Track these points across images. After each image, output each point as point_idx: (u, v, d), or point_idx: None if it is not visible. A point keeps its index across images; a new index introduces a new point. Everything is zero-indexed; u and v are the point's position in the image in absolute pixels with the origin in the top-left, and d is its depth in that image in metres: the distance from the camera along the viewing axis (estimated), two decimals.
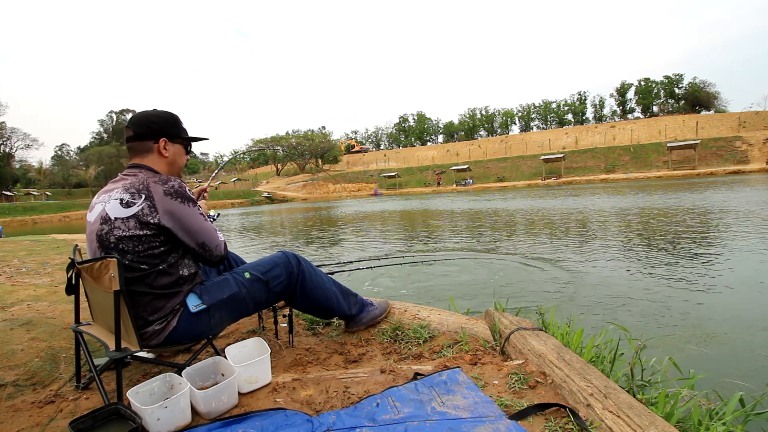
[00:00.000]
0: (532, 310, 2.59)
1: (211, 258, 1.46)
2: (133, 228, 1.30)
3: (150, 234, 1.32)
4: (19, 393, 1.48)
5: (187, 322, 1.39)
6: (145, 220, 1.30)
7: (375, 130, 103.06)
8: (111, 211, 1.32)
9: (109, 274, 1.22)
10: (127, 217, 1.30)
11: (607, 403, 1.15)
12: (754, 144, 32.85)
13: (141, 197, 1.31)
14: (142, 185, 1.33)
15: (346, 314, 1.86)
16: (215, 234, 1.46)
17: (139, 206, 1.30)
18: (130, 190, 1.32)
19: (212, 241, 1.44)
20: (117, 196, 1.33)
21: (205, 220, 1.43)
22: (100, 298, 1.36)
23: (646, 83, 75.38)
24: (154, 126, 1.46)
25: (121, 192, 1.33)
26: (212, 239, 1.44)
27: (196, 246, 1.41)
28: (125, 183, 1.36)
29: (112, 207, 1.32)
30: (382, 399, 1.31)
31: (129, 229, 1.30)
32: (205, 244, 1.42)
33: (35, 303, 2.55)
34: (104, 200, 1.36)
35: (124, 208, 1.30)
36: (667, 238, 6.10)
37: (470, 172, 42.49)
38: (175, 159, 1.52)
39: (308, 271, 1.69)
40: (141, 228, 1.30)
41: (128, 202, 1.31)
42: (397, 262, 4.80)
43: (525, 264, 5.03)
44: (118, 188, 1.35)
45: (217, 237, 1.46)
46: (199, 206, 1.43)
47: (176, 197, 1.35)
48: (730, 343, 2.53)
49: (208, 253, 1.44)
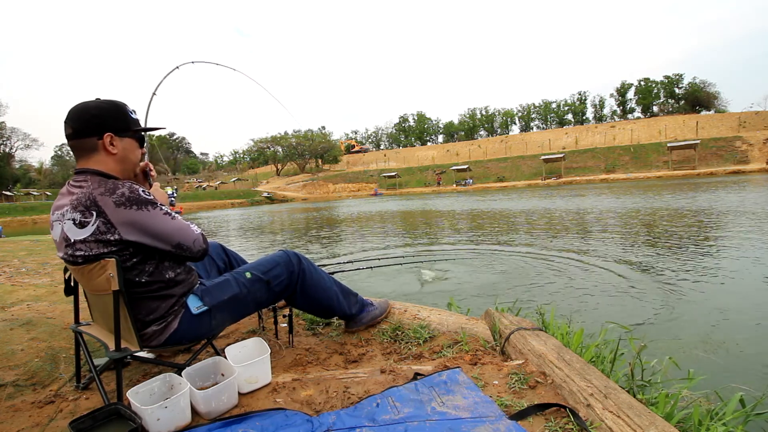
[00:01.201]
0: (532, 310, 2.59)
1: (192, 255, 1.34)
2: (95, 248, 1.20)
3: (115, 250, 1.21)
4: (19, 393, 1.48)
5: (188, 324, 1.38)
6: (104, 239, 1.19)
7: (375, 130, 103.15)
8: (69, 233, 1.22)
9: (107, 274, 1.21)
10: (85, 239, 1.20)
11: (607, 403, 1.15)
12: (754, 144, 32.84)
13: (92, 214, 1.18)
14: (88, 200, 1.19)
15: (347, 314, 1.86)
16: (188, 230, 1.32)
17: (94, 225, 1.18)
18: (78, 208, 1.20)
19: (187, 239, 1.30)
20: (69, 215, 1.21)
21: (172, 219, 1.28)
22: (98, 299, 1.35)
23: (646, 83, 75.37)
24: (95, 120, 1.26)
25: (71, 211, 1.21)
26: (186, 237, 1.30)
27: (171, 248, 1.29)
28: (72, 199, 1.22)
29: (69, 228, 1.21)
30: (382, 399, 1.31)
31: (92, 249, 1.20)
32: (180, 244, 1.29)
33: (35, 303, 2.55)
34: (59, 218, 1.25)
35: (79, 229, 1.20)
36: (671, 238, 6.10)
37: (470, 172, 42.48)
38: (126, 155, 1.33)
39: (309, 270, 1.68)
40: (104, 246, 1.20)
41: (81, 221, 1.19)
42: (397, 262, 4.80)
43: (525, 264, 5.03)
44: (67, 205, 1.23)
45: (192, 232, 1.32)
46: (161, 204, 1.29)
47: (131, 205, 1.20)
48: (731, 343, 2.53)
49: (187, 251, 1.32)
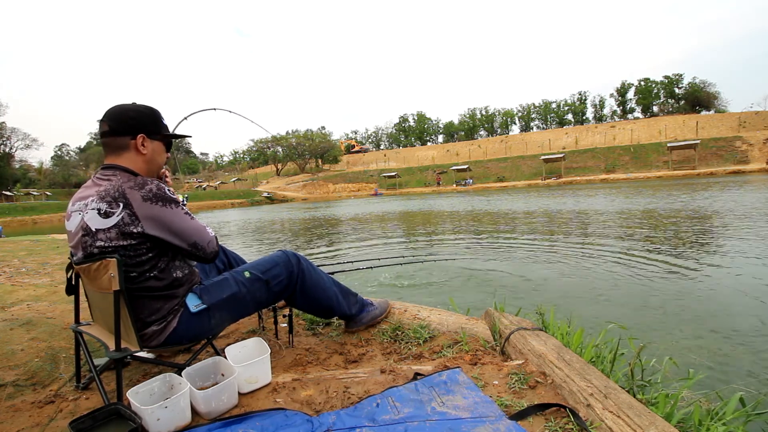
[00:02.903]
0: (532, 310, 2.59)
1: (205, 256, 1.41)
2: (115, 239, 1.24)
3: (135, 243, 1.26)
4: (19, 393, 1.48)
5: (187, 323, 1.38)
6: (127, 230, 1.24)
7: (375, 130, 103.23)
8: (90, 222, 1.25)
9: (108, 274, 1.22)
10: (108, 228, 1.24)
11: (607, 403, 1.15)
12: (754, 144, 32.83)
13: (119, 206, 1.24)
14: (117, 192, 1.25)
15: (346, 314, 1.86)
16: (205, 231, 1.40)
17: (119, 216, 1.23)
18: (106, 199, 1.25)
19: (203, 239, 1.38)
20: (94, 205, 1.25)
21: (191, 219, 1.36)
22: (99, 299, 1.35)
23: (646, 83, 75.40)
24: (132, 121, 1.35)
25: (97, 201, 1.25)
26: (203, 237, 1.38)
27: (188, 246, 1.36)
28: (99, 190, 1.28)
29: (91, 218, 1.25)
30: (382, 399, 1.31)
31: (111, 240, 1.24)
32: (197, 243, 1.37)
33: (35, 303, 2.55)
34: (81, 209, 1.29)
35: (103, 219, 1.24)
36: (669, 239, 6.10)
37: (470, 172, 42.47)
38: (153, 157, 1.42)
39: (308, 271, 1.68)
40: (124, 238, 1.24)
41: (106, 212, 1.24)
42: (397, 262, 4.80)
43: (526, 264, 5.03)
44: (93, 196, 1.27)
45: (208, 233, 1.41)
46: (183, 204, 1.36)
47: (156, 201, 1.28)
48: (732, 343, 2.53)
49: (201, 251, 1.39)
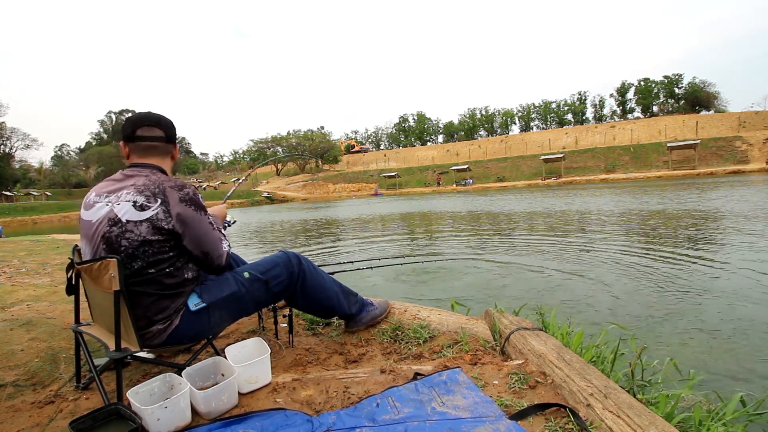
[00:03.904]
0: (532, 310, 2.59)
1: (211, 266, 1.45)
2: (145, 232, 1.28)
3: (161, 239, 1.30)
4: (19, 393, 1.48)
5: (188, 321, 1.39)
6: (158, 225, 1.29)
7: (375, 130, 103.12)
8: (122, 213, 1.28)
9: (109, 274, 1.22)
10: (140, 221, 1.27)
11: (607, 403, 1.15)
12: (754, 144, 32.83)
13: (156, 201, 1.29)
14: (158, 188, 1.31)
15: (347, 313, 1.87)
16: (220, 244, 1.45)
17: (154, 210, 1.28)
18: (144, 193, 1.29)
19: (215, 251, 1.43)
20: (129, 197, 1.29)
21: (213, 230, 1.42)
22: (100, 299, 1.35)
23: (646, 83, 75.39)
24: (175, 131, 1.51)
25: (134, 194, 1.29)
26: (216, 248, 1.43)
27: (199, 254, 1.41)
28: (137, 183, 1.31)
29: (124, 209, 1.28)
30: (382, 399, 1.31)
31: (141, 234, 1.27)
32: (208, 253, 1.42)
33: (35, 303, 2.55)
34: (111, 200, 1.31)
35: (137, 211, 1.27)
36: (670, 239, 6.10)
37: (470, 172, 42.47)
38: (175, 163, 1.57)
39: (309, 271, 1.69)
40: (153, 233, 1.28)
41: (143, 205, 1.28)
42: (397, 262, 4.80)
43: (526, 264, 5.03)
44: (127, 189, 1.31)
45: (221, 247, 1.45)
46: (209, 215, 1.44)
47: (190, 204, 1.34)
48: (732, 344, 2.53)
49: (209, 261, 1.44)
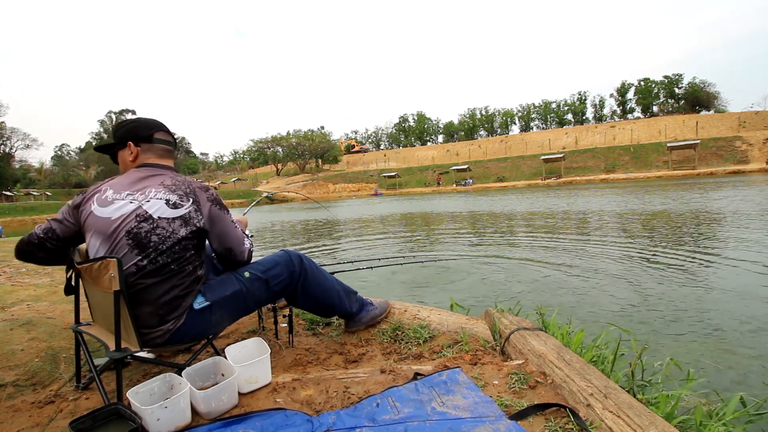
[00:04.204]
0: (532, 310, 2.59)
1: (234, 261, 1.54)
2: (177, 229, 1.33)
3: (190, 236, 1.36)
4: (19, 393, 1.48)
5: (191, 320, 1.40)
6: (191, 222, 1.35)
7: (375, 130, 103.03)
8: (154, 210, 1.32)
9: (108, 274, 1.22)
10: (174, 218, 1.33)
11: (607, 403, 1.15)
12: (754, 144, 32.82)
13: (189, 200, 1.36)
14: (189, 189, 1.39)
15: (348, 312, 1.87)
16: (243, 241, 1.54)
17: (187, 209, 1.35)
18: (177, 192, 1.36)
19: (238, 247, 1.52)
20: (161, 195, 1.34)
21: (235, 228, 1.51)
22: (100, 298, 1.36)
23: (646, 83, 75.36)
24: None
25: (165, 192, 1.35)
26: (238, 245, 1.52)
27: (223, 250, 1.49)
28: (166, 183, 1.38)
29: (155, 206, 1.33)
30: (382, 399, 1.31)
31: (173, 231, 1.32)
32: (231, 249, 1.50)
33: (35, 303, 2.55)
34: (137, 198, 1.34)
35: (171, 209, 1.33)
36: (672, 239, 6.10)
37: (470, 172, 42.47)
38: None
39: (311, 270, 1.71)
40: (185, 229, 1.34)
41: (176, 203, 1.34)
42: (397, 262, 4.80)
43: (527, 264, 5.03)
44: (155, 187, 1.36)
45: (244, 243, 1.55)
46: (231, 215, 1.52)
47: (216, 204, 1.43)
48: (732, 344, 2.53)
49: (233, 256, 1.52)
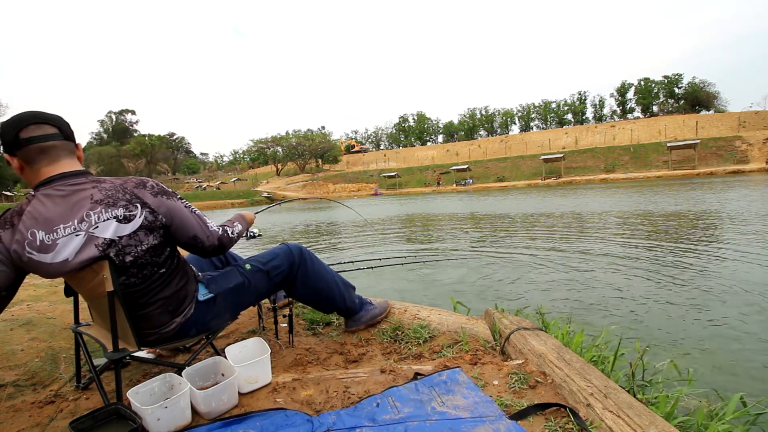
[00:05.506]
0: (532, 310, 2.59)
1: (204, 249, 1.38)
2: (145, 239, 1.23)
3: (162, 239, 1.28)
4: (19, 393, 1.48)
5: (198, 311, 1.41)
6: (153, 226, 1.24)
7: (375, 130, 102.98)
8: (110, 233, 1.18)
9: (101, 276, 1.20)
10: (134, 231, 1.21)
11: (607, 403, 1.15)
12: (754, 144, 32.80)
13: (136, 207, 1.22)
14: (127, 194, 1.22)
15: (347, 305, 1.89)
16: (205, 224, 1.37)
17: (141, 216, 1.22)
18: (118, 204, 1.19)
19: (202, 232, 1.35)
20: (104, 216, 1.17)
21: (193, 212, 1.35)
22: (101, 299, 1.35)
23: (645, 83, 75.36)
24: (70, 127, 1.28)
25: (106, 209, 1.18)
26: (201, 230, 1.35)
27: (188, 240, 1.34)
28: (97, 198, 1.18)
29: (109, 228, 1.18)
30: (383, 399, 1.31)
31: (142, 242, 1.23)
32: (195, 236, 1.34)
33: (35, 303, 2.55)
34: (80, 228, 1.16)
35: (124, 224, 1.20)
36: (674, 239, 6.10)
37: (470, 172, 42.47)
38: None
39: (310, 261, 1.73)
40: (153, 236, 1.25)
41: (125, 216, 1.20)
42: (398, 262, 4.80)
43: (528, 264, 5.03)
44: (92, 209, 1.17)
45: (208, 227, 1.38)
46: (182, 199, 1.35)
47: (162, 194, 1.28)
48: (733, 344, 2.53)
49: (200, 243, 1.36)
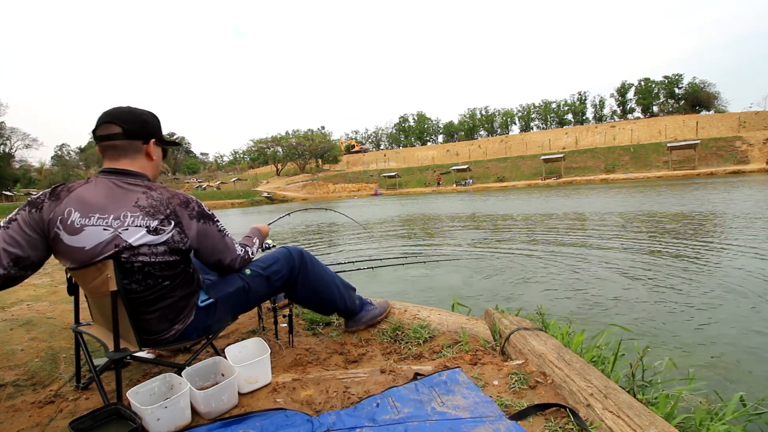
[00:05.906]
0: (532, 310, 2.59)
1: (222, 270, 1.49)
2: (162, 254, 1.25)
3: (179, 259, 1.31)
4: (19, 393, 1.48)
5: (198, 317, 1.42)
6: (175, 247, 1.27)
7: (375, 130, 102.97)
8: (134, 239, 1.20)
9: (104, 275, 1.21)
10: (156, 244, 1.23)
11: (607, 403, 1.15)
12: (754, 144, 32.79)
13: (170, 224, 1.25)
14: (169, 210, 1.25)
15: (348, 307, 1.88)
16: (232, 248, 1.46)
17: (169, 233, 1.25)
18: (157, 216, 1.23)
19: (227, 257, 1.44)
20: (139, 222, 1.21)
21: (224, 236, 1.41)
22: (102, 298, 1.35)
23: (646, 83, 75.34)
24: (146, 125, 1.32)
25: (143, 217, 1.22)
26: (227, 254, 1.44)
27: (213, 262, 1.42)
28: (142, 203, 1.23)
29: (136, 234, 1.20)
30: (382, 399, 1.31)
31: (157, 255, 1.24)
32: (220, 260, 1.43)
33: (35, 303, 2.55)
34: (113, 225, 1.20)
35: (152, 235, 1.22)
36: (675, 238, 6.10)
37: (470, 172, 42.46)
38: (158, 163, 1.40)
39: (311, 264, 1.73)
40: (171, 254, 1.27)
41: (156, 228, 1.23)
42: (398, 262, 4.80)
43: (528, 264, 5.03)
44: (131, 211, 1.21)
45: (235, 251, 1.47)
46: (218, 222, 1.41)
47: (200, 219, 1.32)
48: (732, 344, 2.53)
49: (221, 265, 1.45)
